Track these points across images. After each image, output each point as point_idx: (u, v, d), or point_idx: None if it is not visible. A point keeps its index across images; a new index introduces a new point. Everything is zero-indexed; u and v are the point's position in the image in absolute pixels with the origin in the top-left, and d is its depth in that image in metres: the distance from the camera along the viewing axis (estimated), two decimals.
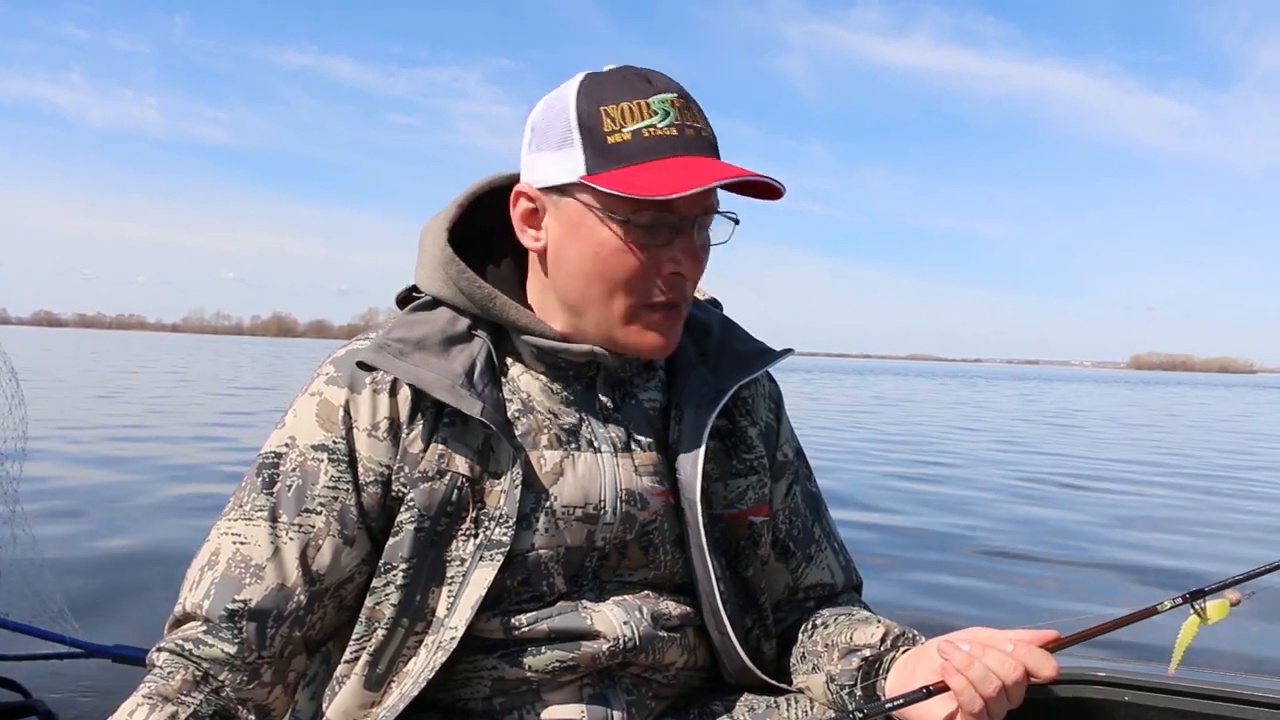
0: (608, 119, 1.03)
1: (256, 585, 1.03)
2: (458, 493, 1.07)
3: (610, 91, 1.05)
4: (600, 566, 1.13)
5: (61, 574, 3.69)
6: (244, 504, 1.08)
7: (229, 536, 1.06)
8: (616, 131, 1.03)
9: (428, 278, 1.15)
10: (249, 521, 1.06)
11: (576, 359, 1.13)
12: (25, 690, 2.59)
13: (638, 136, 1.02)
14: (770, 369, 1.27)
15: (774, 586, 1.25)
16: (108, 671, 2.79)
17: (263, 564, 1.04)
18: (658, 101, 1.04)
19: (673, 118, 1.03)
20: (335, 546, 1.06)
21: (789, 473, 1.28)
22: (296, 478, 1.07)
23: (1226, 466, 12.73)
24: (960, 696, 0.96)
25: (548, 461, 1.10)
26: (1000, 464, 11.87)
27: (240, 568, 1.04)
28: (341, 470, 1.07)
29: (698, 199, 1.05)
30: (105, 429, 11.91)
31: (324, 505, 1.06)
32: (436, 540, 1.07)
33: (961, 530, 7.06)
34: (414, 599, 1.06)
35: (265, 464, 1.09)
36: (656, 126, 1.03)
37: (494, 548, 1.06)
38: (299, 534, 1.05)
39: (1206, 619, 1.01)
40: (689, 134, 1.04)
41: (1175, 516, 8.20)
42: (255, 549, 1.04)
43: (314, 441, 1.08)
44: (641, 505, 1.13)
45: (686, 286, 1.10)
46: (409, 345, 1.09)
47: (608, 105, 1.04)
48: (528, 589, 1.08)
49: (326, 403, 1.09)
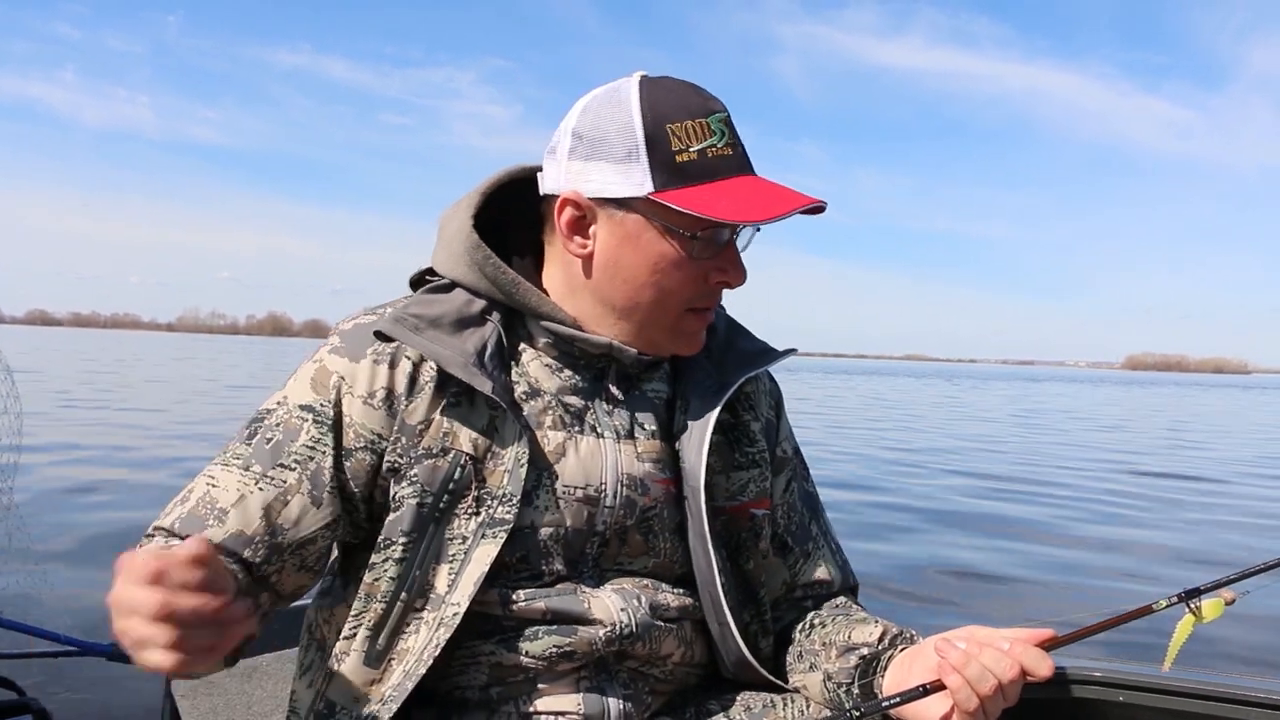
0: (674, 138, 1.06)
1: (218, 528, 1.04)
2: (460, 470, 1.08)
3: (673, 109, 1.08)
4: (601, 554, 1.14)
5: (56, 572, 3.69)
6: (226, 451, 1.10)
7: (204, 478, 1.09)
8: (684, 151, 1.06)
9: (449, 262, 1.17)
10: (225, 467, 1.08)
11: (592, 349, 1.15)
12: (20, 689, 2.58)
13: (703, 156, 1.07)
14: (770, 369, 1.29)
15: (772, 582, 1.25)
16: (103, 670, 2.78)
17: (226, 508, 1.05)
18: (715, 121, 1.08)
19: (728, 138, 1.09)
20: (302, 505, 1.07)
21: (788, 469, 1.30)
22: (278, 432, 1.09)
23: (1180, 463, 12.84)
24: (956, 695, 0.97)
25: (550, 441, 1.12)
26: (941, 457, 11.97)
27: (206, 508, 1.05)
28: (323, 433, 1.08)
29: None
30: (103, 429, 11.89)
31: (299, 463, 1.07)
32: (439, 518, 1.08)
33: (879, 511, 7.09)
34: (412, 573, 1.07)
35: (255, 419, 1.12)
36: (717, 147, 1.08)
37: (497, 525, 1.07)
38: (270, 486, 1.06)
39: (1202, 618, 1.02)
40: (740, 152, 1.10)
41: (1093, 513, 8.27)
42: (223, 493, 1.06)
43: (302, 402, 1.10)
44: (642, 491, 1.14)
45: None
46: (424, 322, 1.11)
47: (673, 124, 1.07)
48: (526, 566, 1.09)
49: (324, 369, 1.11)
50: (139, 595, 0.77)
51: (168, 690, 1.94)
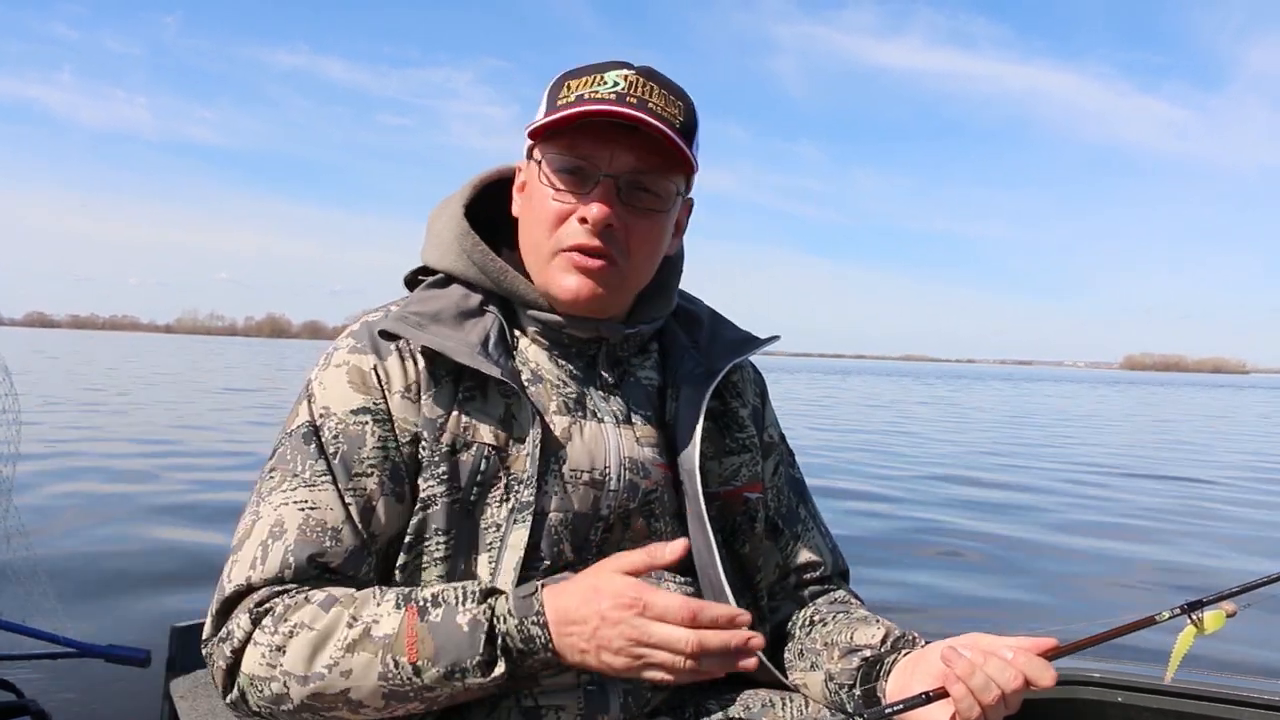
0: (566, 89, 1.11)
1: (337, 548, 1.04)
2: (486, 462, 1.09)
3: (583, 68, 1.12)
4: (604, 540, 1.14)
5: (55, 573, 3.68)
6: (300, 473, 1.06)
7: (292, 506, 1.04)
8: (567, 96, 1.10)
9: (439, 254, 1.19)
10: (313, 488, 1.05)
11: (580, 334, 1.17)
12: (18, 690, 2.57)
13: (580, 100, 1.08)
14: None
15: (767, 566, 1.27)
16: (101, 671, 2.77)
17: (339, 526, 1.04)
18: (613, 75, 1.10)
19: (620, 87, 1.09)
20: (388, 505, 1.07)
21: (775, 454, 1.33)
22: (341, 444, 1.07)
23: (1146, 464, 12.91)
24: (959, 704, 0.98)
25: (557, 425, 1.13)
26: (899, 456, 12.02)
27: (317, 532, 1.03)
28: (386, 430, 1.09)
29: (617, 160, 1.09)
30: (102, 428, 11.88)
31: (374, 466, 1.07)
32: (471, 510, 1.09)
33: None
34: (458, 569, 1.08)
35: (307, 434, 1.08)
36: (599, 91, 1.08)
37: (524, 509, 1.08)
38: (354, 498, 1.06)
39: (1203, 630, 1.02)
40: (630, 101, 1.08)
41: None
42: (329, 512, 1.04)
43: (352, 406, 1.09)
44: (644, 474, 1.16)
45: (604, 237, 1.11)
46: (426, 318, 1.12)
47: (572, 79, 1.11)
48: (538, 553, 1.10)
49: (356, 369, 1.11)
50: (678, 636, 0.90)
51: (166, 691, 1.93)
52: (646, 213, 1.13)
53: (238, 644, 0.99)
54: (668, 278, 1.26)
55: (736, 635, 0.89)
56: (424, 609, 0.97)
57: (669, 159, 1.11)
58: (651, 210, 1.13)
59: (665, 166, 1.12)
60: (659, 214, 1.14)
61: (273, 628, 0.98)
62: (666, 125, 1.07)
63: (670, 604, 0.91)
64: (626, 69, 1.10)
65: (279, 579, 1.02)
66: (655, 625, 0.91)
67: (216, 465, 9.12)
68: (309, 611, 0.98)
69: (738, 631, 0.90)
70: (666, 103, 1.10)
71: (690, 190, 1.20)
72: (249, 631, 0.99)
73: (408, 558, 1.08)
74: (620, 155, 1.09)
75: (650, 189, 1.12)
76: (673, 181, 1.14)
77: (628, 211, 1.11)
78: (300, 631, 0.97)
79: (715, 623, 0.90)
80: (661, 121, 1.07)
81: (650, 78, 1.11)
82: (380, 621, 0.97)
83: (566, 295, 1.13)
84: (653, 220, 1.14)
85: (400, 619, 0.96)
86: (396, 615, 0.97)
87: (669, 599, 0.91)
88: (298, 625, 0.97)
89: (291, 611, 0.99)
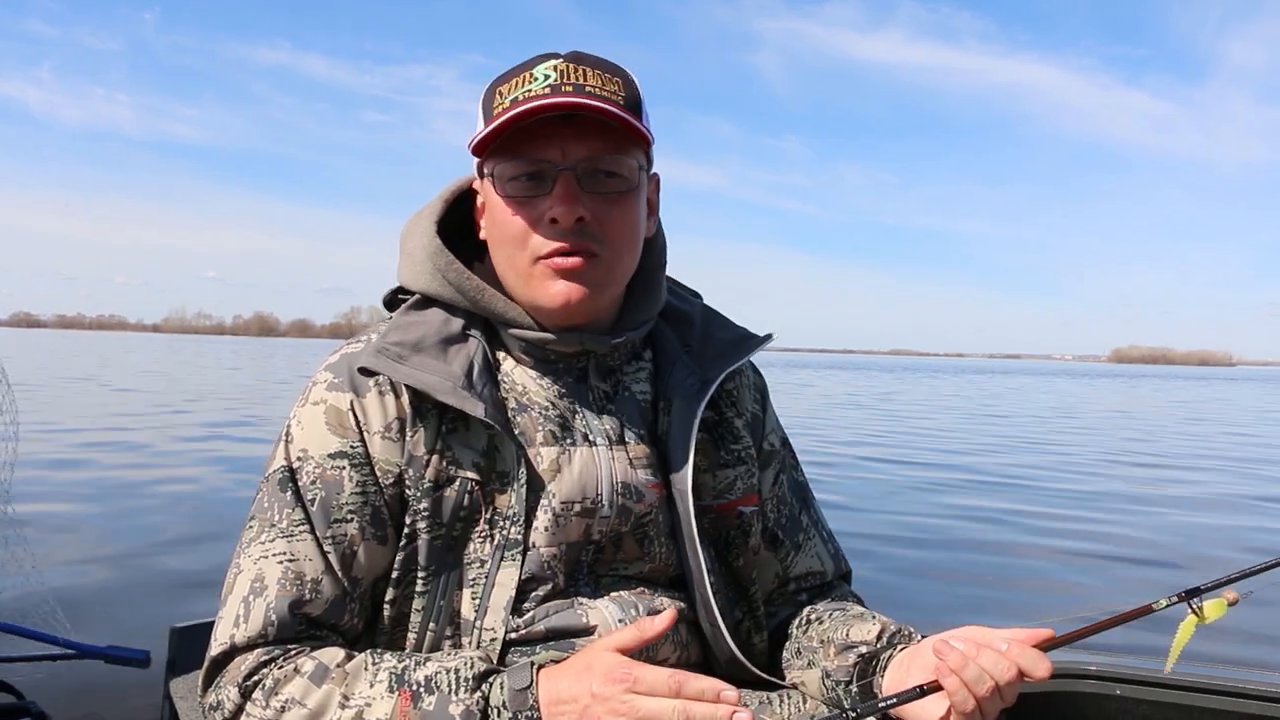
0: (498, 96, 1.06)
1: (318, 599, 1.03)
2: (469, 497, 1.08)
3: (509, 71, 1.08)
4: (595, 560, 1.14)
5: (54, 575, 3.67)
6: (277, 522, 1.06)
7: (271, 559, 1.04)
8: (500, 103, 1.06)
9: (414, 274, 1.16)
10: (290, 539, 1.05)
11: (566, 349, 1.14)
12: (18, 692, 2.57)
13: (514, 104, 1.04)
14: (754, 363, 1.30)
15: (764, 576, 1.26)
16: (101, 672, 2.78)
17: (319, 577, 1.04)
18: (541, 69, 1.05)
19: (552, 79, 1.05)
20: (370, 549, 1.06)
21: (776, 461, 1.30)
22: (319, 489, 1.06)
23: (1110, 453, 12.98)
24: (953, 697, 0.97)
25: (544, 459, 1.11)
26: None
27: (297, 585, 1.03)
28: (365, 474, 1.07)
29: (570, 152, 1.06)
30: (99, 430, 11.82)
31: (354, 512, 1.06)
32: (454, 545, 1.08)
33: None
34: (437, 604, 1.07)
35: (284, 480, 1.07)
36: (532, 89, 1.04)
37: (513, 547, 1.07)
38: (333, 545, 1.05)
39: (1204, 618, 1.01)
40: (566, 90, 1.04)
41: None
42: (308, 564, 1.04)
43: (329, 450, 1.07)
44: (637, 498, 1.14)
45: (579, 233, 1.07)
46: (406, 348, 1.09)
47: (502, 85, 1.07)
48: (530, 585, 1.09)
49: (333, 409, 1.08)
50: (665, 707, 0.89)
51: (166, 692, 1.93)
52: (614, 196, 1.09)
53: (228, 715, 1.00)
54: (652, 267, 1.22)
55: (722, 708, 0.89)
56: (417, 694, 0.96)
57: (621, 137, 1.07)
58: (618, 192, 1.09)
59: (620, 145, 1.08)
60: (627, 194, 1.10)
61: (264, 702, 0.98)
62: (609, 104, 1.04)
63: (658, 678, 0.91)
64: (555, 59, 1.07)
65: (263, 637, 1.01)
66: (643, 699, 0.90)
67: (222, 467, 9.08)
68: (299, 686, 0.98)
69: (723, 705, 0.89)
70: (604, 82, 1.06)
71: (652, 166, 1.16)
72: (239, 704, 1.00)
73: (396, 592, 1.08)
74: (571, 146, 1.06)
75: (611, 171, 1.08)
76: (632, 158, 1.10)
77: (594, 200, 1.07)
78: (292, 708, 0.97)
79: (701, 695, 0.89)
80: (603, 101, 1.03)
81: (580, 61, 1.07)
82: (373, 705, 0.96)
83: (557, 303, 1.08)
84: (623, 202, 1.10)
85: (393, 705, 0.95)
86: (389, 700, 0.96)
87: (656, 674, 0.91)
88: (289, 701, 0.97)
89: (281, 685, 0.98)
